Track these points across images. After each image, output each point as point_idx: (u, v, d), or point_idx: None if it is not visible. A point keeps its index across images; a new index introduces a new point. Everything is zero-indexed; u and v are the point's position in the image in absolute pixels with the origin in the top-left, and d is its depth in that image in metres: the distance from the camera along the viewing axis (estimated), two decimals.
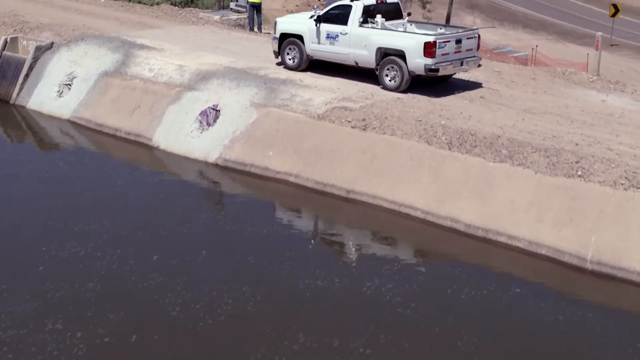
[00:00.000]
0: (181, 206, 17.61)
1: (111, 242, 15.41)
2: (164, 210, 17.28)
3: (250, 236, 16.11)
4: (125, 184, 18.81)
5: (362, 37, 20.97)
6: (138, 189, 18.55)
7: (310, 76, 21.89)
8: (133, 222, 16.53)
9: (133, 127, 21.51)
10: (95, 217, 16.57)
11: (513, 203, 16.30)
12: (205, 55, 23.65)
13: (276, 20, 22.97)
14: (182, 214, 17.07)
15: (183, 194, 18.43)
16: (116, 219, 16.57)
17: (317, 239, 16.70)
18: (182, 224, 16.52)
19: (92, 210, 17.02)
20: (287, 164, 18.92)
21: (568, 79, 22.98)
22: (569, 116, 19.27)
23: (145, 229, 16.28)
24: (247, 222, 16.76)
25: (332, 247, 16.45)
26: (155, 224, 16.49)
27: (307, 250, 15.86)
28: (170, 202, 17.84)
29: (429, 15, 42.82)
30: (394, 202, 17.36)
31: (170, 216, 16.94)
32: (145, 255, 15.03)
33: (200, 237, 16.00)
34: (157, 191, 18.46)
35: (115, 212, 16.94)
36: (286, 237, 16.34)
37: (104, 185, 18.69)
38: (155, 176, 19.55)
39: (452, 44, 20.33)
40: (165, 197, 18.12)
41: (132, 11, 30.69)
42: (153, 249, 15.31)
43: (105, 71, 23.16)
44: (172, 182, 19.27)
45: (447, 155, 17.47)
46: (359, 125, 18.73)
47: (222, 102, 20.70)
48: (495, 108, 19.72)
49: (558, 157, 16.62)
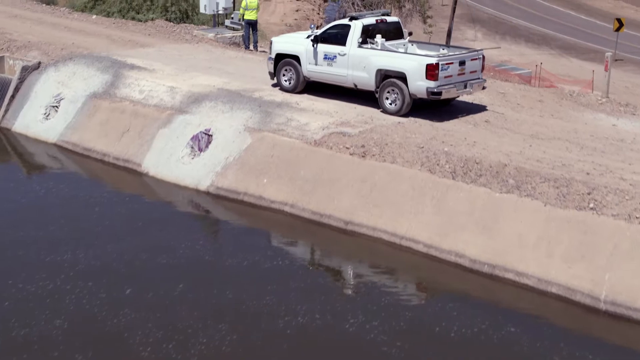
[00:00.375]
0: (163, 236, 16.70)
1: (83, 274, 14.67)
2: (144, 240, 16.44)
3: (231, 268, 15.34)
4: (106, 211, 17.92)
5: (361, 58, 20.06)
6: (119, 217, 17.64)
7: (307, 99, 20.98)
8: (108, 252, 15.71)
9: (122, 152, 20.60)
10: (69, 246, 15.81)
11: (521, 237, 15.40)
12: (198, 76, 22.74)
13: (271, 40, 22.07)
14: (162, 244, 16.20)
15: (167, 223, 17.48)
16: (91, 248, 15.79)
17: (305, 272, 15.70)
18: (161, 255, 15.68)
19: (67, 239, 16.25)
20: (282, 193, 18.01)
21: (576, 100, 22.06)
22: (578, 142, 18.35)
23: (121, 259, 15.45)
24: (230, 253, 16.02)
25: (321, 281, 15.44)
26: (132, 255, 15.65)
27: (290, 284, 14.90)
28: (152, 231, 16.96)
29: (430, 30, 41.90)
30: (394, 235, 16.45)
31: (150, 246, 16.07)
32: (119, 288, 14.27)
33: (178, 269, 15.19)
34: (139, 220, 17.57)
35: (90, 242, 16.16)
36: (271, 269, 15.42)
37: (83, 212, 17.80)
38: (140, 204, 18.66)
39: (455, 65, 19.42)
40: (147, 226, 17.23)
41: (123, 29, 29.78)
42: (127, 281, 14.55)
43: (94, 93, 22.25)
44: (157, 210, 18.36)
45: (450, 185, 16.56)
46: (358, 152, 17.82)
47: (214, 127, 19.79)
48: (501, 133, 18.81)
49: (568, 187, 15.70)
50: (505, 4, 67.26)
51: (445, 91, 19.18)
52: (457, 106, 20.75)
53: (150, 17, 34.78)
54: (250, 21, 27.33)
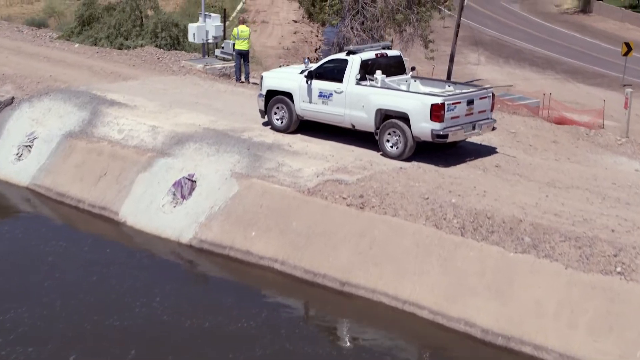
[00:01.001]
0: (120, 292, 15.13)
1: (24, 337, 13.30)
2: (98, 297, 14.89)
3: (190, 330, 13.81)
4: (60, 263, 16.35)
5: (359, 97, 18.34)
6: (74, 270, 16.09)
7: (300, 140, 19.26)
8: (57, 311, 14.29)
9: (98, 198, 18.86)
10: (12, 303, 14.38)
11: (539, 304, 13.73)
12: (182, 113, 21.03)
13: (262, 76, 20.35)
14: (118, 302, 14.70)
15: (128, 277, 15.82)
16: (38, 306, 14.35)
17: (279, 337, 13.85)
18: (115, 315, 14.20)
19: (12, 294, 14.86)
20: (272, 248, 16.28)
21: (593, 141, 20.32)
22: (599, 191, 16.62)
23: (69, 320, 14.03)
24: (192, 314, 14.36)
25: (308, 350, 13.59)
26: (82, 315, 14.18)
27: (258, 354, 13.23)
28: (107, 286, 15.37)
29: (432, 56, 40.17)
30: (396, 299, 14.73)
31: (106, 305, 14.56)
32: (62, 355, 12.89)
33: (133, 332, 13.73)
34: (96, 273, 15.94)
35: (38, 298, 14.72)
36: (239, 335, 13.79)
37: (34, 263, 16.22)
38: (100, 254, 16.92)
39: (463, 105, 17.71)
40: (103, 281, 15.64)
41: (107, 58, 28.07)
42: (73, 347, 13.17)
43: (70, 132, 20.53)
44: (119, 263, 16.58)
45: (459, 243, 14.84)
46: (356, 203, 16.10)
47: (199, 171, 18.08)
48: (513, 181, 17.07)
49: (592, 248, 13.98)
50: (508, 26, 65.72)
51: (451, 134, 17.46)
52: (465, 148, 19.01)
53: (139, 44, 33.09)
54: (241, 51, 25.59)
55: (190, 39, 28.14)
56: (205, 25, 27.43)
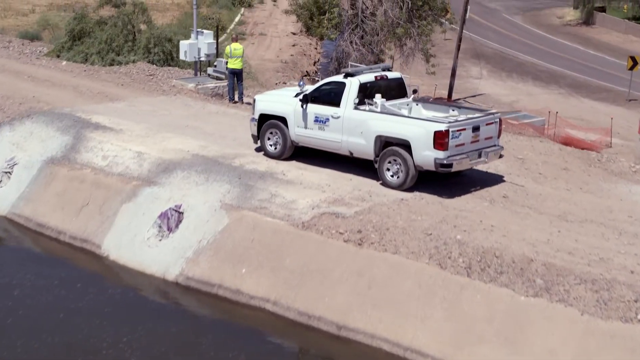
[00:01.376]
0: (86, 332, 14.00)
1: None
2: (61, 337, 13.82)
3: None
4: (26, 299, 15.16)
5: (357, 122, 17.20)
6: (39, 307, 14.89)
7: (295, 167, 18.11)
8: (17, 352, 13.25)
9: (79, 229, 17.70)
10: None
11: (554, 354, 12.70)
12: (171, 137, 19.87)
13: (254, 99, 19.19)
14: (81, 343, 13.65)
15: (104, 318, 14.58)
16: None
17: None
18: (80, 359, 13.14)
19: None
20: (263, 287, 15.13)
21: (606, 168, 19.17)
22: (615, 226, 15.48)
23: None
24: None
25: None
26: (44, 357, 13.23)
27: None
28: (73, 325, 14.25)
29: (433, 71, 39.11)
30: (397, 345, 13.60)
31: (66, 345, 13.50)
32: None
33: None
34: (63, 310, 14.82)
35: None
36: None
37: (4, 301, 15.08)
38: (69, 290, 15.67)
39: (468, 132, 16.58)
40: (69, 319, 14.51)
41: (94, 77, 26.90)
42: None
43: (52, 157, 19.37)
44: (90, 300, 15.32)
45: (465, 284, 13.71)
46: (354, 239, 14.96)
47: (186, 202, 16.94)
48: (522, 213, 15.92)
49: (610, 292, 12.88)
50: (510, 38, 64.77)
51: (456, 163, 16.30)
52: (470, 176, 17.85)
53: (131, 59, 32.01)
54: (234, 70, 24.41)
55: (182, 57, 26.97)
56: (197, 42, 26.26)
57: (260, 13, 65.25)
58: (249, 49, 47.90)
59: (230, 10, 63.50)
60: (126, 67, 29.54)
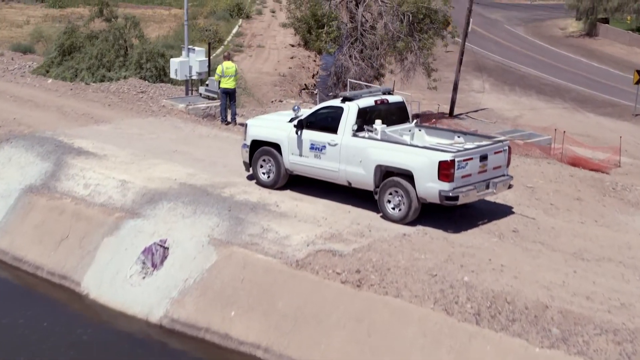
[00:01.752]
0: None
1: None
2: None
3: None
4: None
5: (356, 150, 16.02)
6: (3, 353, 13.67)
7: (289, 197, 16.92)
8: None
9: (58, 265, 16.51)
10: None
11: None
12: (157, 164, 18.68)
13: (246, 123, 18.00)
14: None
15: None
16: None
17: None
18: None
19: None
20: (254, 331, 13.94)
21: (622, 197, 17.98)
22: (635, 265, 14.32)
23: None
24: None
25: None
26: None
27: None
28: None
29: (435, 86, 37.97)
30: None
31: None
32: None
33: None
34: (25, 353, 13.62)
35: None
36: None
37: None
38: (37, 333, 14.38)
39: (475, 161, 15.41)
40: None
41: (81, 96, 25.69)
42: None
43: (30, 186, 18.19)
44: (62, 345, 14.09)
45: (474, 333, 12.52)
46: (352, 280, 13.77)
47: (172, 237, 15.76)
48: (534, 251, 14.72)
49: (634, 344, 11.73)
50: (512, 50, 63.73)
51: (462, 195, 15.12)
52: (477, 207, 16.65)
53: (122, 75, 30.88)
54: (227, 90, 23.23)
55: (172, 75, 25.80)
56: (188, 60, 25.08)
57: (258, 24, 64.26)
58: (247, 61, 46.85)
59: (228, 21, 62.56)
60: (117, 84, 28.40)
